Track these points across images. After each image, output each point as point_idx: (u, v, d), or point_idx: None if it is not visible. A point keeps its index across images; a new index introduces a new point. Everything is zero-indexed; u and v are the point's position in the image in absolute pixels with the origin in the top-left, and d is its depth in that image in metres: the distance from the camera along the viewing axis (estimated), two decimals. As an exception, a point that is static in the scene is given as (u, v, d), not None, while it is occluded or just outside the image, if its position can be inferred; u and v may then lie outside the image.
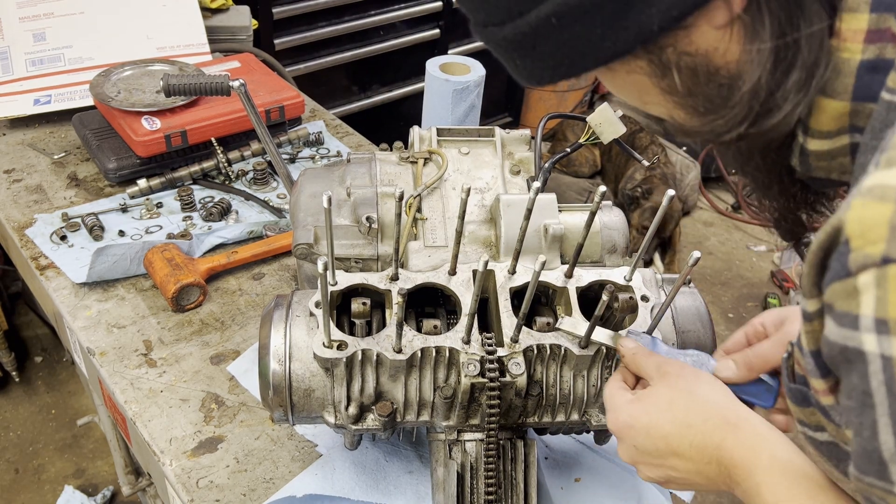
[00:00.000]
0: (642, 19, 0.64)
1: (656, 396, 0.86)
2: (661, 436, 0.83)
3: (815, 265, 0.57)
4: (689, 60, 0.68)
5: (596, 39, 0.67)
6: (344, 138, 2.09)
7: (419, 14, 3.60)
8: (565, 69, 0.71)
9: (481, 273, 0.93)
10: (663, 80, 0.70)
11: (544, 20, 0.66)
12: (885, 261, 0.51)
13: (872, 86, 0.64)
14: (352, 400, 1.01)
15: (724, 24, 0.66)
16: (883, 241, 0.51)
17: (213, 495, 1.18)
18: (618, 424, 0.88)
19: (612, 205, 1.25)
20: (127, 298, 1.53)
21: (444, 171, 1.21)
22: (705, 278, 3.89)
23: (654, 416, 0.84)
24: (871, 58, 0.64)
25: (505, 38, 0.70)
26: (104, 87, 1.88)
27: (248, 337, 1.47)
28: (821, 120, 0.68)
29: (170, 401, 1.33)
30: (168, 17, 2.23)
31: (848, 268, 0.53)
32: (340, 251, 1.14)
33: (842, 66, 0.65)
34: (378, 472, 1.21)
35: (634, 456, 0.88)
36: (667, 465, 0.84)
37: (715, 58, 0.68)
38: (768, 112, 0.69)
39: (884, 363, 0.52)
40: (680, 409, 0.83)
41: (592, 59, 0.69)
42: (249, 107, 1.44)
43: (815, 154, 0.71)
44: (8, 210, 1.75)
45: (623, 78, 0.73)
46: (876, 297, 0.51)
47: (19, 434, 2.86)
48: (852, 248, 0.53)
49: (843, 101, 0.66)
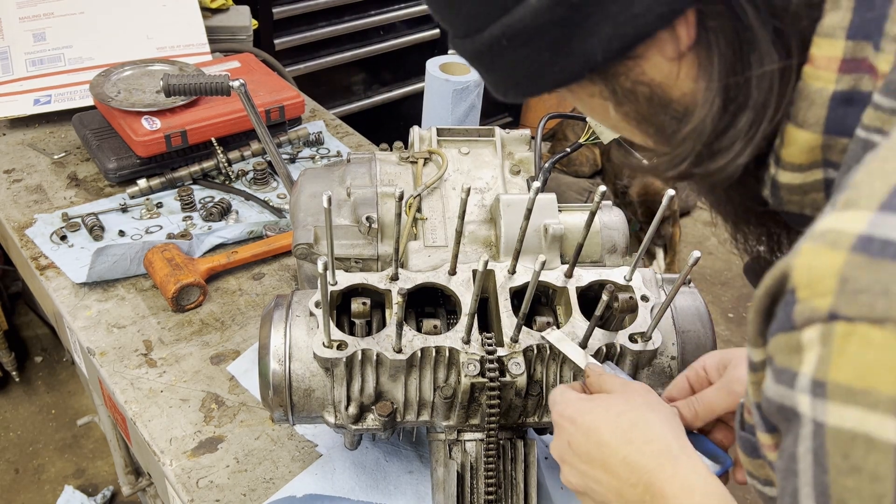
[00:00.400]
0: (586, 48, 0.64)
1: (609, 402, 0.84)
2: (597, 441, 0.80)
3: (760, 312, 0.53)
4: (645, 90, 0.67)
5: (545, 63, 0.67)
6: (344, 138, 2.09)
7: (419, 14, 3.60)
8: (524, 88, 0.71)
9: (481, 273, 0.93)
10: (621, 106, 0.70)
11: (497, 40, 0.67)
12: (832, 317, 0.45)
13: (846, 119, 0.60)
14: (352, 400, 1.02)
15: (675, 57, 0.65)
16: (831, 294, 0.46)
17: (213, 495, 1.18)
18: (562, 415, 0.85)
19: (612, 205, 1.25)
20: (127, 298, 1.53)
21: (444, 171, 1.21)
22: (705, 278, 3.89)
23: (598, 420, 0.81)
24: (845, 89, 0.59)
25: (466, 51, 0.72)
26: (104, 87, 1.88)
27: (248, 337, 1.47)
28: (792, 152, 0.64)
29: (170, 401, 1.33)
30: (168, 17, 2.23)
31: (793, 320, 0.48)
32: (340, 251, 1.14)
33: (813, 96, 0.61)
34: (378, 472, 1.21)
35: (564, 454, 0.84)
36: (591, 474, 0.80)
37: (669, 90, 0.67)
38: (715, 154, 0.66)
39: (815, 429, 0.47)
40: (626, 423, 0.80)
41: (547, 81, 0.69)
42: (249, 107, 1.44)
43: (787, 187, 0.67)
44: (8, 210, 1.75)
45: (585, 100, 0.73)
46: (819, 355, 0.46)
47: (19, 434, 2.86)
48: (798, 298, 0.48)
49: (815, 133, 0.62)
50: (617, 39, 0.63)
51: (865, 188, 0.47)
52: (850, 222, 0.46)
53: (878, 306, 0.44)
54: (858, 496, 0.46)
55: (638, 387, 0.87)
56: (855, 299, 0.45)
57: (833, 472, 0.46)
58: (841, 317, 0.45)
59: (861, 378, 0.45)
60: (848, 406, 0.45)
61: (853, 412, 0.45)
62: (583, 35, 0.63)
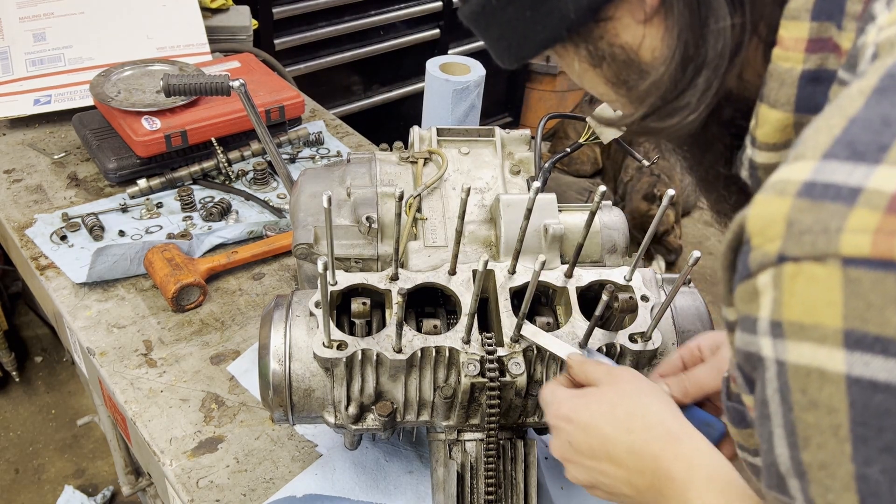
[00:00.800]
0: (560, 6, 0.69)
1: (601, 395, 0.84)
2: (598, 436, 0.81)
3: (726, 268, 0.54)
4: (620, 52, 0.72)
5: (528, 22, 0.72)
6: (344, 138, 2.09)
7: (419, 14, 3.60)
8: (516, 50, 0.77)
9: (481, 273, 0.93)
10: (599, 69, 0.75)
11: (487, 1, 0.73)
12: (781, 259, 0.48)
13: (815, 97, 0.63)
14: (352, 400, 1.01)
15: (643, 19, 0.69)
16: (780, 237, 0.48)
17: (213, 495, 1.18)
18: (557, 416, 0.85)
19: (612, 205, 1.25)
20: (127, 298, 1.53)
21: (444, 171, 1.21)
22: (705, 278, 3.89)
23: (595, 415, 0.82)
24: (813, 68, 0.62)
25: (466, 15, 0.78)
26: (104, 87, 1.88)
27: (248, 337, 1.47)
28: (766, 131, 0.67)
29: (170, 401, 1.33)
30: (168, 17, 2.23)
31: (749, 268, 0.50)
32: (340, 251, 1.14)
33: (783, 76, 0.64)
34: (378, 472, 1.21)
35: (566, 453, 0.85)
36: (598, 468, 0.81)
37: (640, 51, 0.71)
38: (673, 112, 0.70)
39: (778, 369, 0.49)
40: (623, 413, 0.80)
41: (533, 42, 0.75)
42: (249, 107, 1.44)
43: (763, 167, 0.69)
44: (8, 210, 1.75)
45: (573, 66, 0.78)
46: (773, 298, 0.48)
47: (19, 434, 2.87)
48: (752, 246, 0.50)
49: (786, 112, 0.65)
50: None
51: (811, 142, 0.50)
52: (796, 172, 0.49)
53: (819, 244, 0.46)
54: (818, 430, 0.47)
55: (624, 373, 0.87)
56: (800, 240, 0.47)
57: (796, 409, 0.48)
58: (788, 258, 0.47)
59: (809, 313, 0.46)
60: (801, 342, 0.47)
61: (806, 348, 0.47)
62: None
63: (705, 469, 0.73)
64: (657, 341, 1.02)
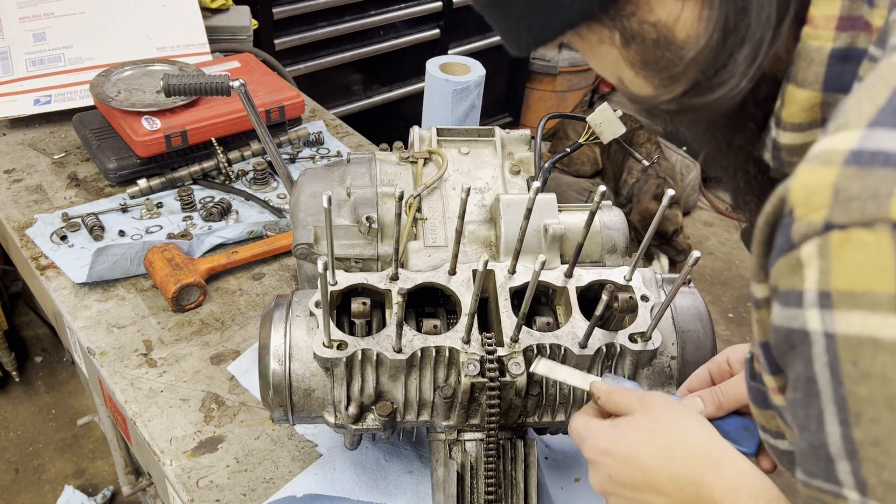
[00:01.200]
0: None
1: (637, 425, 0.83)
2: (639, 466, 0.80)
3: (762, 243, 0.53)
4: (651, 31, 0.68)
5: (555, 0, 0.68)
6: (344, 138, 2.09)
7: (419, 14, 3.60)
8: (536, 32, 0.72)
9: (481, 273, 0.93)
10: (628, 50, 0.71)
11: None
12: (827, 227, 0.46)
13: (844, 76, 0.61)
14: (352, 400, 1.02)
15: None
16: (826, 206, 0.46)
17: (213, 495, 1.18)
18: (595, 450, 0.84)
19: (612, 205, 1.25)
20: (127, 298, 1.53)
21: (444, 171, 1.21)
22: (705, 278, 3.89)
23: (633, 446, 0.81)
24: (843, 46, 0.61)
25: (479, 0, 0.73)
26: (104, 87, 1.88)
27: (248, 337, 1.47)
28: (792, 111, 0.66)
29: (170, 401, 1.33)
30: (168, 17, 2.23)
31: (791, 240, 0.49)
32: (340, 251, 1.14)
33: (812, 55, 0.62)
34: (378, 472, 1.21)
35: (607, 486, 0.84)
36: (640, 499, 0.80)
37: (674, 29, 0.67)
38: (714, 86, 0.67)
39: (827, 342, 0.47)
40: (662, 441, 0.80)
41: (559, 21, 0.70)
42: (249, 107, 1.44)
43: (788, 148, 0.68)
44: (8, 210, 1.75)
45: (595, 48, 0.74)
46: (819, 268, 0.46)
47: (19, 434, 2.87)
48: (796, 217, 0.48)
49: (814, 90, 0.64)
50: None
51: (854, 112, 0.49)
52: (841, 141, 0.48)
53: (868, 209, 0.45)
54: (871, 403, 0.45)
55: (656, 399, 0.86)
56: (847, 207, 0.46)
57: (847, 382, 0.46)
58: (835, 225, 0.46)
59: (859, 281, 0.45)
60: (851, 311, 0.45)
61: (857, 316, 0.45)
62: None
63: (747, 493, 0.73)
64: (657, 341, 1.02)
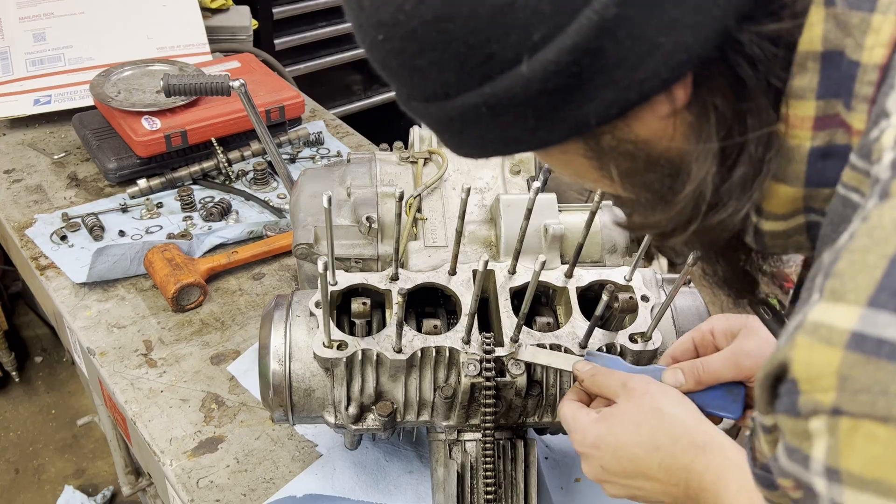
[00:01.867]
0: (579, 115, 0.59)
1: (623, 416, 0.86)
2: (628, 457, 0.83)
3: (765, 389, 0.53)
4: (630, 147, 0.63)
5: (528, 129, 0.62)
6: (344, 138, 2.09)
7: (419, 14, 3.59)
8: (493, 150, 0.67)
9: (481, 273, 0.93)
10: (599, 165, 0.66)
11: (473, 107, 0.61)
12: (836, 412, 0.47)
13: (825, 172, 0.60)
14: (352, 400, 1.01)
15: (667, 115, 0.61)
16: (833, 390, 0.47)
17: (213, 495, 1.18)
18: (584, 444, 0.88)
19: (612, 205, 1.25)
20: (127, 298, 1.53)
21: (444, 171, 1.21)
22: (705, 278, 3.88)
23: (621, 437, 0.84)
24: (822, 144, 0.59)
25: (430, 115, 0.66)
26: (104, 87, 1.88)
27: (248, 337, 1.47)
28: (774, 203, 0.64)
29: (170, 401, 1.33)
30: (168, 17, 2.23)
31: (798, 409, 0.49)
32: (340, 251, 1.14)
33: (792, 153, 0.60)
34: (378, 472, 1.21)
35: (600, 475, 0.87)
36: (634, 485, 0.84)
37: (657, 146, 0.63)
38: (713, 208, 0.64)
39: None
40: (648, 431, 0.83)
41: (524, 144, 0.65)
42: (249, 107, 1.44)
43: (770, 234, 0.67)
44: (8, 210, 1.75)
45: (558, 157, 0.69)
46: (828, 445, 0.48)
47: (19, 434, 2.86)
48: (801, 390, 0.49)
49: (797, 187, 0.62)
50: (616, 105, 0.59)
51: (850, 282, 0.48)
52: (841, 318, 0.47)
53: (880, 405, 0.45)
54: None
55: (637, 384, 0.87)
56: (856, 398, 0.46)
57: None
58: (845, 412, 0.46)
59: (871, 470, 0.46)
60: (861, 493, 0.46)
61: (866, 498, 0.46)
62: (579, 102, 0.59)
63: (734, 478, 0.75)
64: (657, 341, 1.02)
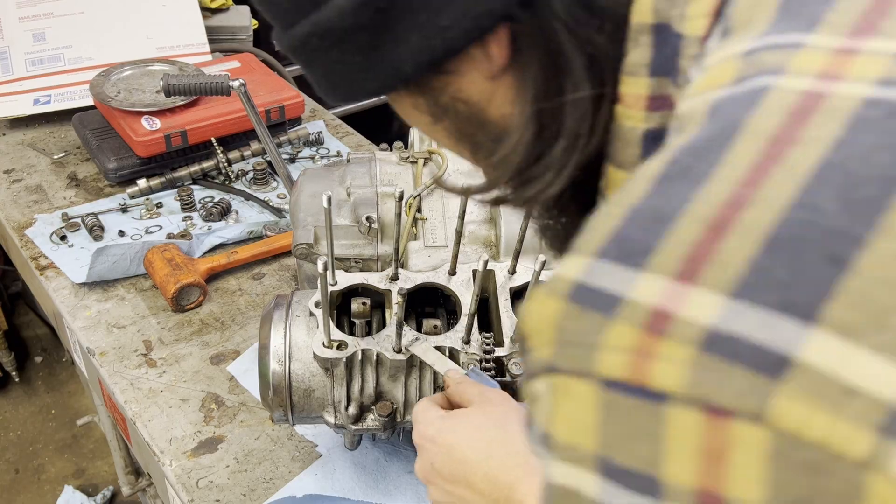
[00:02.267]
0: (395, 57, 0.60)
1: (467, 418, 0.83)
2: (459, 459, 0.80)
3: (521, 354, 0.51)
4: (463, 107, 0.64)
5: (358, 68, 0.63)
6: (344, 138, 2.09)
7: (419, 14, 3.59)
8: (342, 93, 0.67)
9: (481, 273, 0.93)
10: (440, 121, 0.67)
11: (308, 37, 0.62)
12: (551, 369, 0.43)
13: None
14: (352, 400, 1.02)
15: (490, 76, 0.61)
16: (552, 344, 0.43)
17: (213, 495, 1.18)
18: (423, 436, 0.84)
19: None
20: (127, 298, 1.53)
21: (445, 170, 1.21)
22: (705, 278, 3.89)
23: (459, 437, 0.81)
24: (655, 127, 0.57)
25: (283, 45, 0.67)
26: (104, 87, 1.88)
27: (248, 337, 1.47)
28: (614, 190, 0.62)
29: (170, 401, 1.33)
30: (168, 16, 2.23)
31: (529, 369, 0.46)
32: (340, 251, 1.14)
33: (627, 135, 0.58)
34: (378, 472, 1.21)
35: (429, 474, 0.84)
36: (456, 492, 0.80)
37: (487, 109, 0.63)
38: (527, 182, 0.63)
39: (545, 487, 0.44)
40: (486, 437, 0.80)
41: (363, 87, 0.65)
42: (249, 107, 1.44)
43: None
44: (8, 210, 1.75)
45: (408, 111, 0.69)
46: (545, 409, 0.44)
47: (19, 434, 2.87)
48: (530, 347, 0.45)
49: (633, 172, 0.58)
50: (426, 52, 0.59)
51: (589, 233, 0.44)
52: (570, 269, 0.43)
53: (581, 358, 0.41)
54: None
55: (495, 396, 0.86)
56: (566, 352, 0.42)
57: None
58: (557, 370, 0.42)
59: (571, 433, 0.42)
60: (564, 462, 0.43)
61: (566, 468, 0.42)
62: (392, 42, 0.59)
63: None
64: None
